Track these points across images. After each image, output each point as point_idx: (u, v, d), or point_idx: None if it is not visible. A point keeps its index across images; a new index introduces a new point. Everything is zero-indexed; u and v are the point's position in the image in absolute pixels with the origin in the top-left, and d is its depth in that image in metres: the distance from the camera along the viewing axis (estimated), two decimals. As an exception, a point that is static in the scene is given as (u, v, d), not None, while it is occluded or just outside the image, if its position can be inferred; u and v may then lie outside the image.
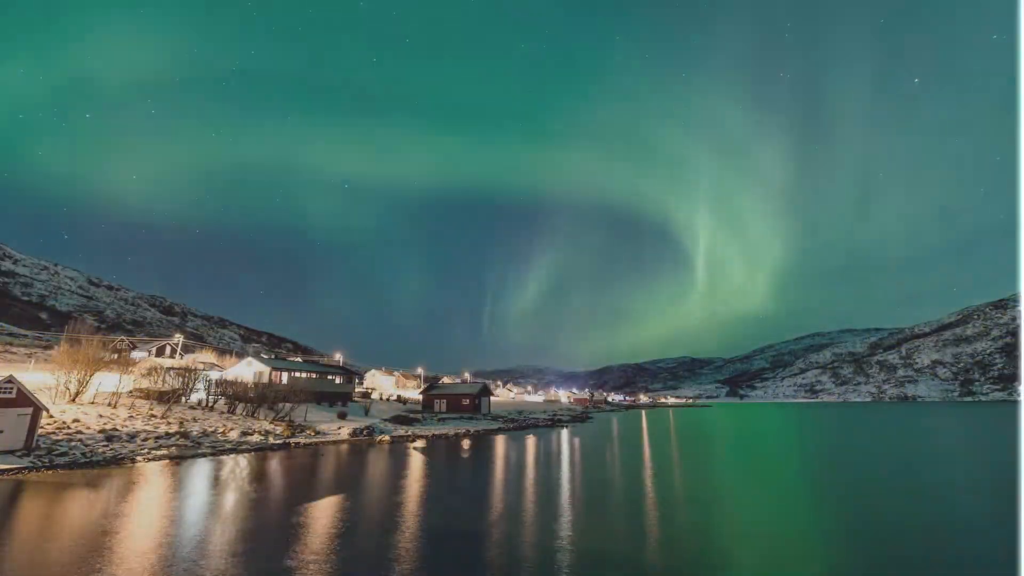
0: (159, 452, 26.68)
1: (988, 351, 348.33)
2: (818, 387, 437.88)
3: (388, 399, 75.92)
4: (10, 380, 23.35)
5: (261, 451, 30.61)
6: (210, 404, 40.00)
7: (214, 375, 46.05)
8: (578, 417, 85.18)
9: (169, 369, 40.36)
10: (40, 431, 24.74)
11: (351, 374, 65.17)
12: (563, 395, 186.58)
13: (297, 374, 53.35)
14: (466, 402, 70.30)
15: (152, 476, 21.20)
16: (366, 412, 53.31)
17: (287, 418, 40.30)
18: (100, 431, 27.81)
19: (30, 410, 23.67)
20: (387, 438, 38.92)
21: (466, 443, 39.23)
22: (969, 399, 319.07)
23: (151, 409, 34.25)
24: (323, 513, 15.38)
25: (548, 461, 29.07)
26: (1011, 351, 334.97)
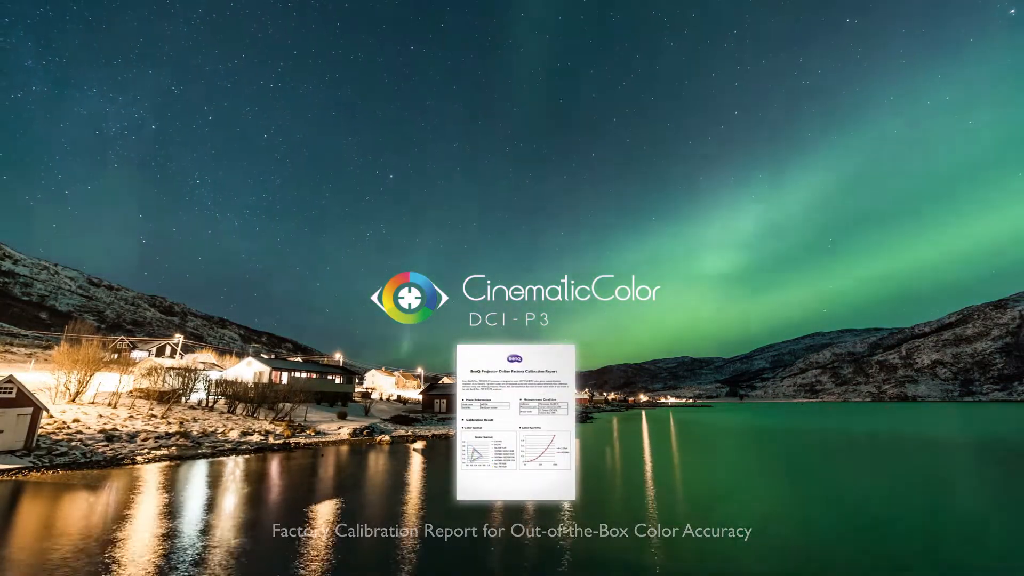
0: (159, 452, 26.67)
1: (988, 351, 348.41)
2: (818, 387, 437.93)
3: (388, 399, 75.97)
4: (10, 380, 23.32)
5: (261, 451, 30.60)
6: (210, 404, 40.00)
7: (214, 375, 46.02)
8: (578, 417, 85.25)
9: (169, 369, 40.32)
10: (40, 431, 24.69)
11: (351, 374, 65.11)
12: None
13: (297, 374, 53.32)
14: (466, 402, 70.12)
15: (152, 476, 21.17)
16: (366, 412, 53.29)
17: (287, 418, 40.28)
18: (100, 431, 27.80)
19: (30, 410, 23.64)
20: (387, 438, 38.90)
21: (466, 443, 39.16)
22: (969, 399, 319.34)
23: (151, 409, 34.25)
24: (323, 514, 15.36)
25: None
26: (1011, 351, 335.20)
